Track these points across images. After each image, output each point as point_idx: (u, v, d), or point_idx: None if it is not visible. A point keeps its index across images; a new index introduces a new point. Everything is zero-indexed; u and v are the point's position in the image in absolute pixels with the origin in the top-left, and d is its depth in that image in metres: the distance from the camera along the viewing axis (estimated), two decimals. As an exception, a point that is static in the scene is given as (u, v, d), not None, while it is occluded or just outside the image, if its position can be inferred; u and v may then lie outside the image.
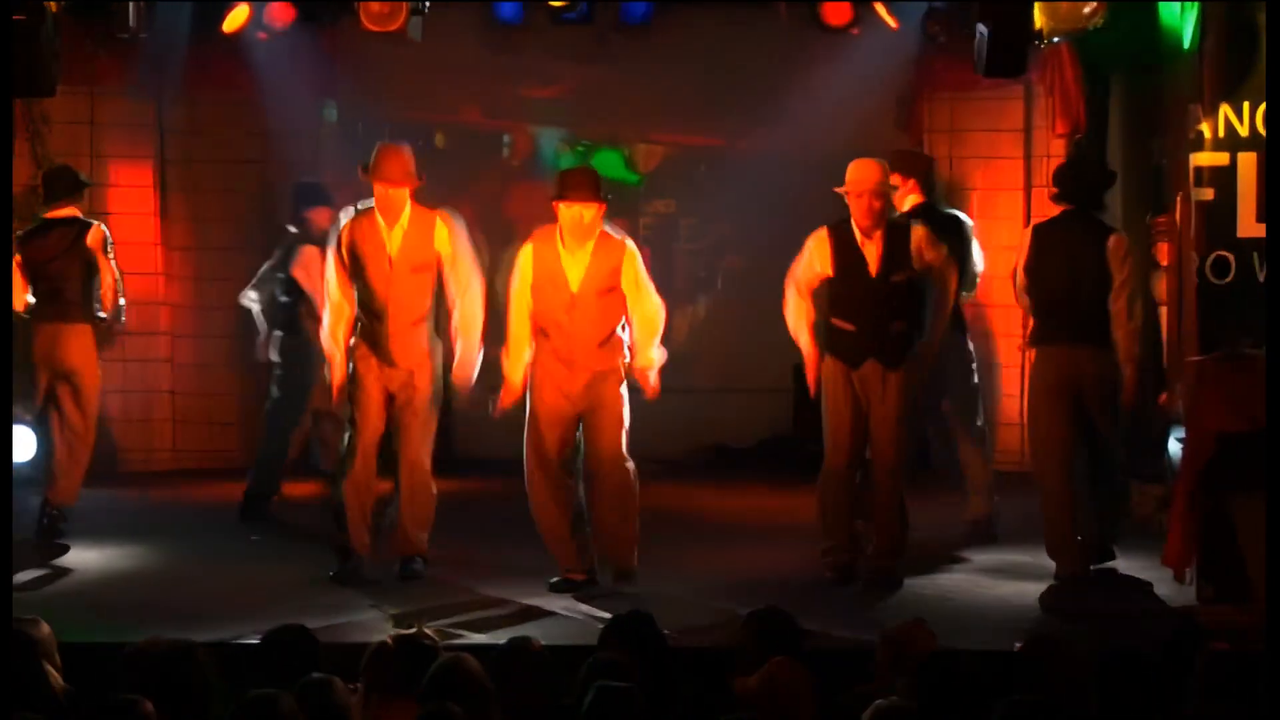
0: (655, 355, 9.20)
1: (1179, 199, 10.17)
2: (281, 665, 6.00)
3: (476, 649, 6.57)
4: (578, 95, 13.56)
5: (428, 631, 6.25)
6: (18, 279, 10.31)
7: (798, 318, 9.39)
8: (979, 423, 10.56)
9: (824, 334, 9.34)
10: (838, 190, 9.19)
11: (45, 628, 6.22)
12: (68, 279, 10.39)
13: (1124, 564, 9.61)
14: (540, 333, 9.19)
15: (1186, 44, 10.11)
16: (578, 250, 9.08)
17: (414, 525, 9.40)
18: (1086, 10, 10.50)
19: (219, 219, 12.96)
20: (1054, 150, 12.21)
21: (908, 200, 10.44)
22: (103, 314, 10.44)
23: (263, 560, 9.96)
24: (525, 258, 9.19)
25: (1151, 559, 9.33)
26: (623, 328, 9.20)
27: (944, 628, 6.68)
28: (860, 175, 9.21)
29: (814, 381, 9.37)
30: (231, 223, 12.94)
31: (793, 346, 9.55)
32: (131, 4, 11.06)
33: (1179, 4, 10.27)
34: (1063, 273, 9.46)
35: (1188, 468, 8.93)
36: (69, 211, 10.55)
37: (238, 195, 12.94)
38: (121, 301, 10.51)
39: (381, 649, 6.06)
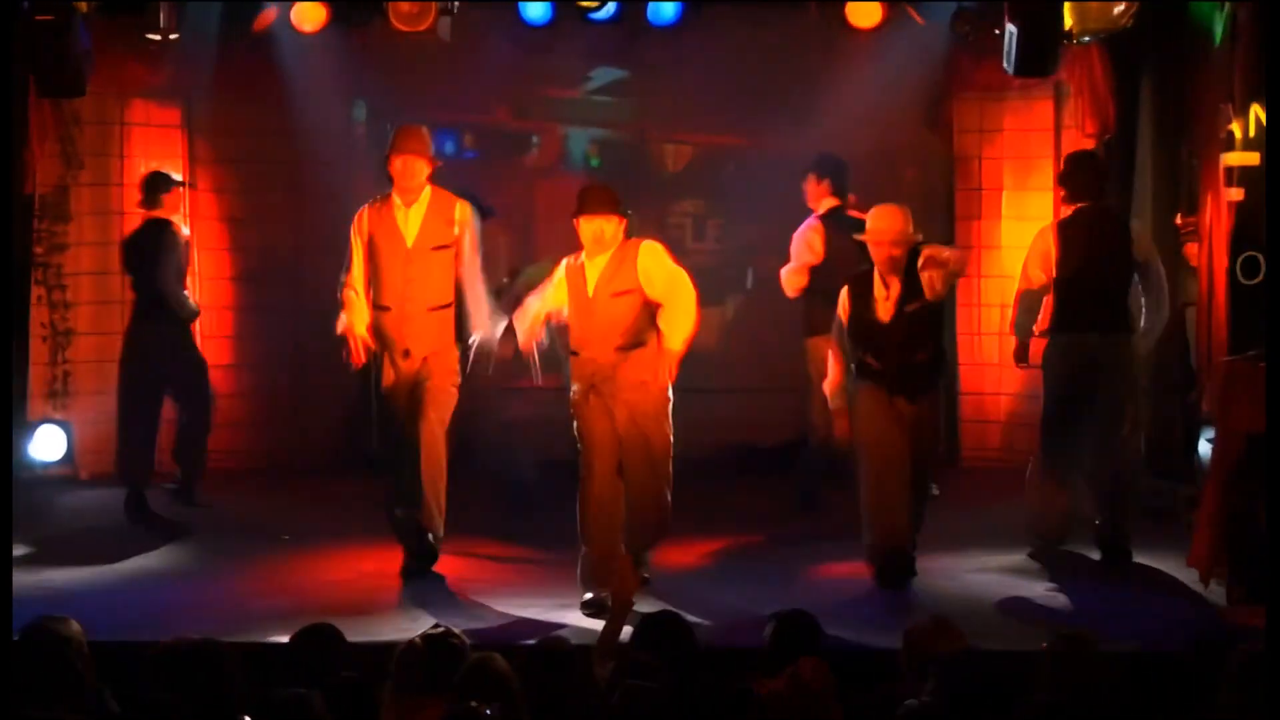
0: (679, 344, 8.98)
1: (1209, 199, 10.16)
2: (311, 664, 6.02)
3: (507, 649, 6.59)
4: (606, 95, 13.56)
5: (456, 631, 6.26)
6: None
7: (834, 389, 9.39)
8: None
9: (857, 366, 9.27)
10: (859, 238, 9.19)
11: (75, 626, 6.23)
12: (159, 278, 10.98)
13: (1151, 564, 9.60)
14: (572, 352, 9.10)
15: (1217, 43, 10.10)
16: (598, 257, 9.01)
17: (430, 497, 9.25)
18: (1116, 10, 10.49)
19: (248, 219, 12.98)
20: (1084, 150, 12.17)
21: (822, 203, 11.09)
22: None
23: (292, 560, 9.97)
24: (559, 280, 9.14)
25: (1179, 559, 9.31)
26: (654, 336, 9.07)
27: (970, 628, 6.67)
28: (882, 225, 9.13)
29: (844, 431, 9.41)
30: (260, 223, 12.95)
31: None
32: (162, 4, 11.10)
33: (1210, 3, 10.26)
34: (1087, 264, 9.70)
35: (1217, 468, 8.90)
36: (161, 213, 11.18)
37: (266, 195, 12.96)
38: (184, 294, 11.17)
39: (410, 648, 6.07)
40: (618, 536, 8.98)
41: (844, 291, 9.28)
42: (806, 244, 11.01)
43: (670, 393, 9.06)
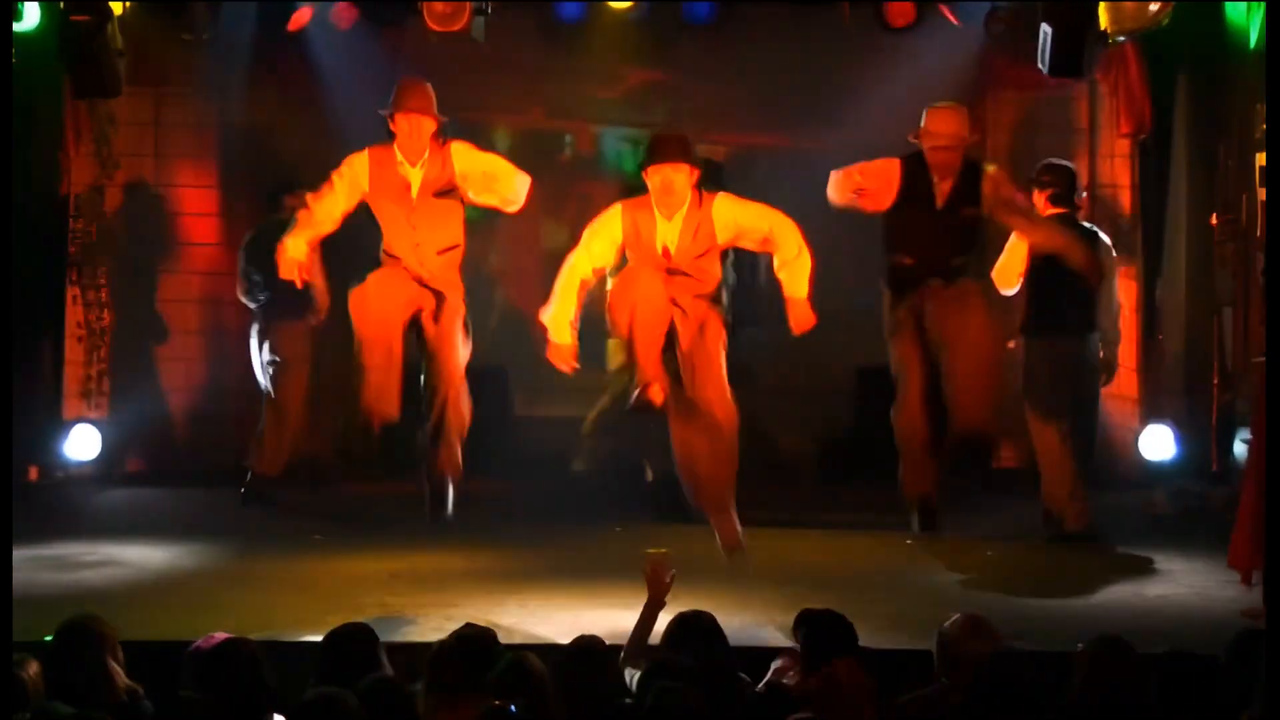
0: (804, 290, 8.85)
1: (1245, 199, 10.13)
2: (344, 664, 6.02)
3: (540, 647, 6.58)
4: (640, 95, 13.55)
5: (489, 630, 6.25)
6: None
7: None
8: None
9: (886, 276, 9.04)
10: (911, 138, 8.94)
11: (109, 625, 6.25)
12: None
13: (1190, 565, 9.58)
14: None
15: (1253, 44, 10.07)
16: (674, 215, 8.77)
17: (450, 438, 9.19)
18: (1152, 9, 10.46)
19: (283, 219, 12.99)
20: (1119, 150, 12.15)
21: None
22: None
23: (326, 559, 9.98)
24: (612, 218, 8.89)
25: (1214, 560, 9.28)
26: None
27: (1004, 629, 6.64)
28: (938, 127, 8.82)
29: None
30: (295, 223, 12.98)
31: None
32: (197, 5, 11.14)
33: (1246, 3, 10.23)
34: (1065, 270, 9.96)
35: (1254, 469, 8.86)
36: (285, 215, 11.12)
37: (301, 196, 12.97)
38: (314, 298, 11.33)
39: (444, 648, 6.07)
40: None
41: (895, 166, 8.95)
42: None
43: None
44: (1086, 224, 10.58)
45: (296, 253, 9.18)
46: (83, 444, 12.04)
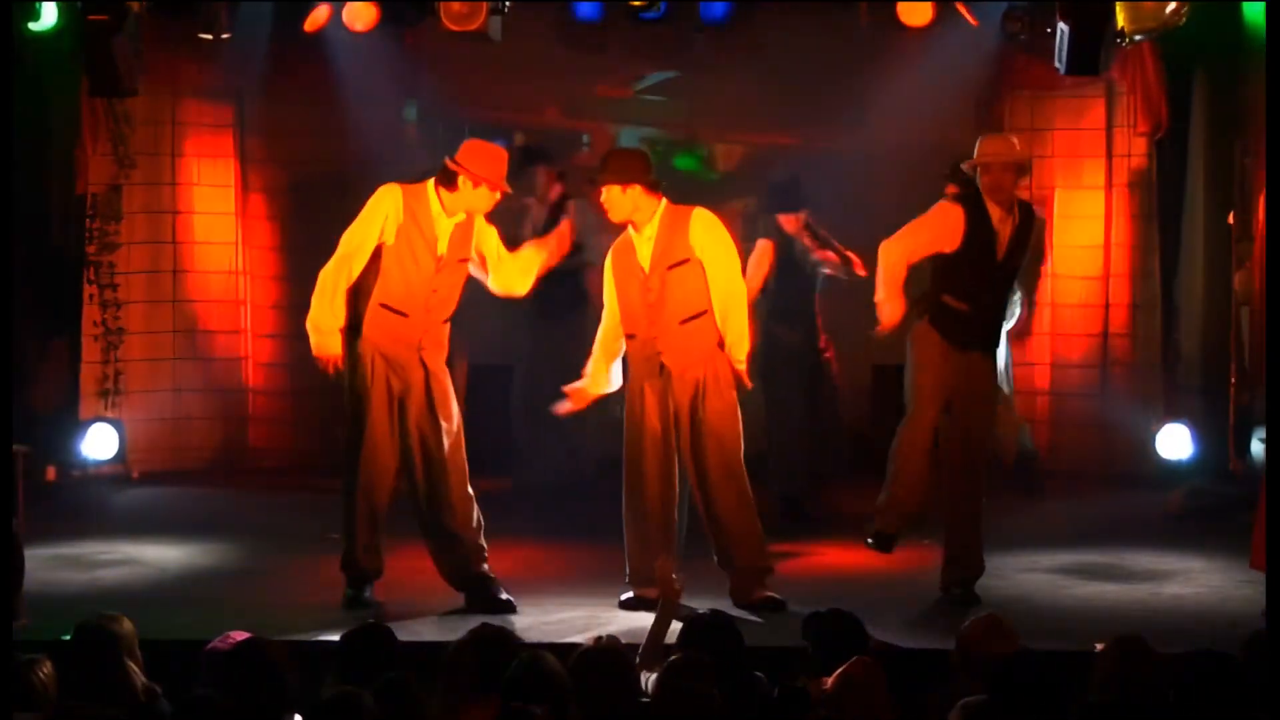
0: (738, 342, 8.63)
1: (1262, 198, 10.11)
2: (361, 663, 6.02)
3: (557, 647, 6.58)
4: (657, 95, 13.55)
5: (506, 629, 6.26)
6: None
7: (893, 288, 8.80)
8: None
9: (929, 308, 8.93)
10: (966, 166, 8.89)
11: (127, 624, 6.26)
12: None
13: (1207, 564, 9.56)
14: (628, 336, 8.76)
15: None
16: (645, 226, 8.65)
17: (470, 535, 8.78)
18: (1169, 9, 10.44)
19: (299, 218, 13.00)
20: (1136, 149, 12.13)
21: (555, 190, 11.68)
22: None
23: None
24: (607, 266, 8.83)
25: (1236, 560, 9.27)
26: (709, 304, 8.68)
27: (1023, 628, 6.64)
28: (997, 148, 8.74)
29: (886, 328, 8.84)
30: (310, 223, 12.98)
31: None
32: (215, 4, 11.15)
33: (1263, 2, 10.21)
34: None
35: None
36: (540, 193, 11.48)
37: (318, 194, 12.99)
38: None
39: (460, 647, 6.07)
40: (667, 538, 8.76)
41: (955, 212, 8.74)
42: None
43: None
44: (1023, 200, 10.62)
45: (333, 339, 8.77)
46: (100, 443, 12.05)
